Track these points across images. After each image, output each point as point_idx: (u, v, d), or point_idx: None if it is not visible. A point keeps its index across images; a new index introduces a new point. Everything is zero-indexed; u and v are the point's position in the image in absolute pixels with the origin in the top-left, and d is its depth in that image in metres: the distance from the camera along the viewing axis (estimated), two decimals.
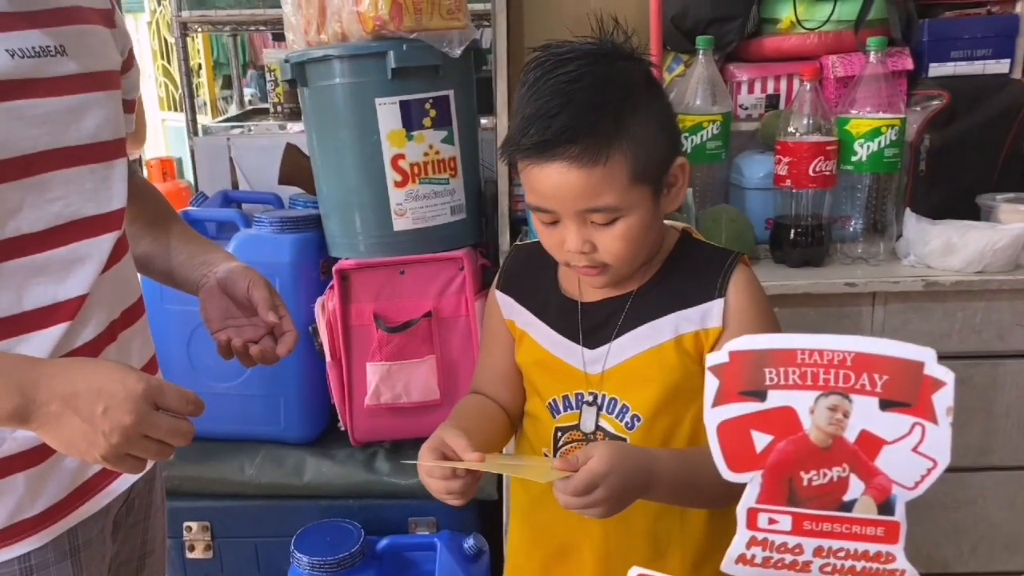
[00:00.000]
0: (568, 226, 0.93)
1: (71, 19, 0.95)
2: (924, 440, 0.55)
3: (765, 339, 0.58)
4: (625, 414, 0.98)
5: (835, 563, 0.57)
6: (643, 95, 0.92)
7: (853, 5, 1.78)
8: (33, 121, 0.89)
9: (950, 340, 1.64)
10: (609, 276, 0.96)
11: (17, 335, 0.90)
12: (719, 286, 0.95)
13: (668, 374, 0.96)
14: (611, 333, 0.99)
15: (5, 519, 0.92)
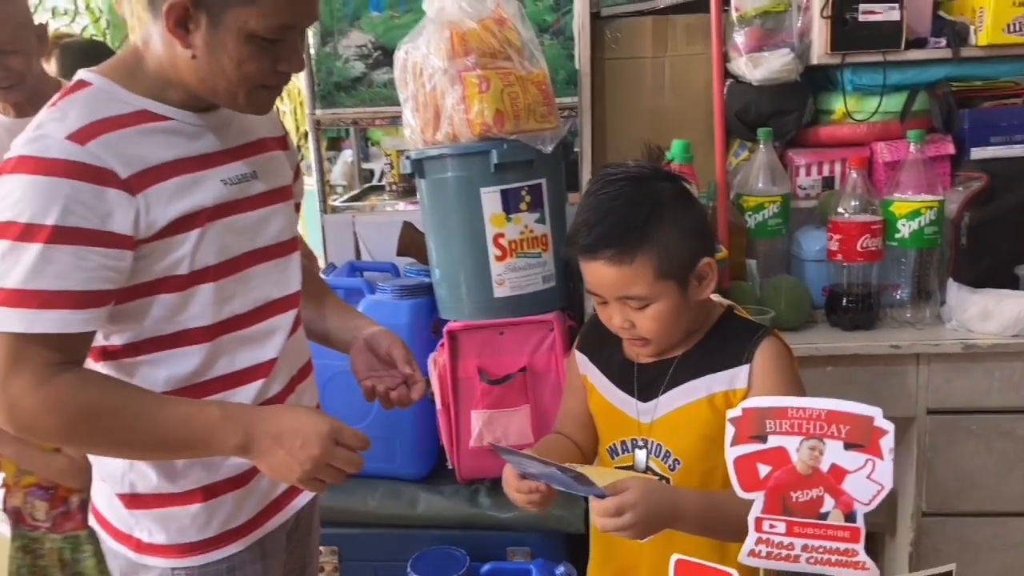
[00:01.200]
0: (613, 307, 1.19)
1: (260, 150, 1.26)
2: (875, 470, 0.80)
3: (766, 400, 0.85)
4: (668, 457, 1.22)
5: (816, 556, 0.82)
6: (670, 209, 1.17)
7: (898, 99, 2.01)
8: (239, 231, 1.19)
9: (991, 396, 1.82)
10: (651, 349, 1.22)
11: (231, 388, 1.20)
12: (746, 354, 1.19)
13: (701, 426, 1.19)
14: (659, 390, 1.23)
15: (217, 528, 1.22)
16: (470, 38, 1.91)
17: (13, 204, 1.00)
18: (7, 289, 1.01)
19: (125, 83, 1.11)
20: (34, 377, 1.02)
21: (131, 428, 1.07)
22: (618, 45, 2.11)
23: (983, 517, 1.88)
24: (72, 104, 1.07)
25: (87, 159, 1.01)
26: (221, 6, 1.03)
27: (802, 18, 2.02)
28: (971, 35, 1.95)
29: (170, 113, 1.12)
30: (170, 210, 1.09)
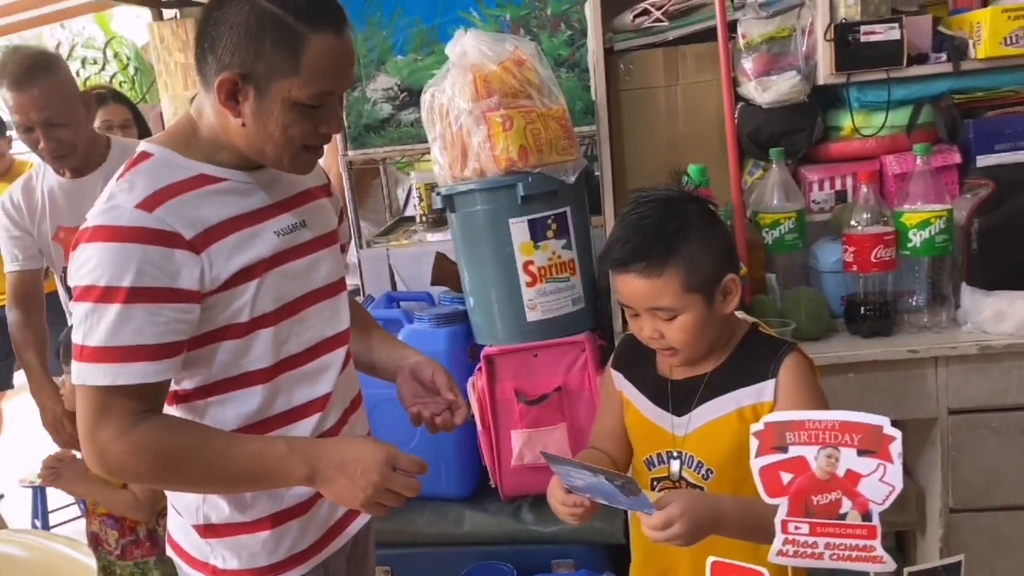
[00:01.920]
0: (643, 318, 1.29)
1: (307, 199, 1.37)
2: (886, 473, 0.89)
3: (786, 414, 0.94)
4: (701, 468, 1.31)
5: (838, 552, 0.92)
6: (697, 228, 1.28)
7: (904, 113, 2.10)
8: (293, 277, 1.30)
9: (1009, 394, 1.89)
10: (680, 358, 1.31)
11: (291, 423, 1.30)
12: (772, 369, 1.28)
13: (732, 437, 1.28)
14: (692, 404, 1.33)
15: (285, 552, 1.33)
16: (492, 80, 2.03)
17: (92, 270, 1.11)
18: (91, 347, 1.12)
19: (182, 150, 1.22)
20: (119, 426, 1.14)
21: (208, 467, 1.18)
22: (631, 77, 2.21)
23: (1011, 511, 1.95)
24: (138, 175, 1.18)
25: (155, 224, 1.13)
26: (266, 79, 1.15)
27: (807, 41, 2.11)
28: (970, 49, 2.03)
29: (224, 174, 1.23)
30: (231, 264, 1.20)
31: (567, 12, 2.46)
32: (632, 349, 1.43)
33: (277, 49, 1.13)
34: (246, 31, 1.13)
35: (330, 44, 1.15)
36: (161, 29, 5.38)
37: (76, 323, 1.15)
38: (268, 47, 1.13)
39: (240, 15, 1.14)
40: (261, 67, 1.14)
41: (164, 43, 5.44)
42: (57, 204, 2.25)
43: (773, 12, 2.09)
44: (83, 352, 1.13)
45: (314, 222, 1.36)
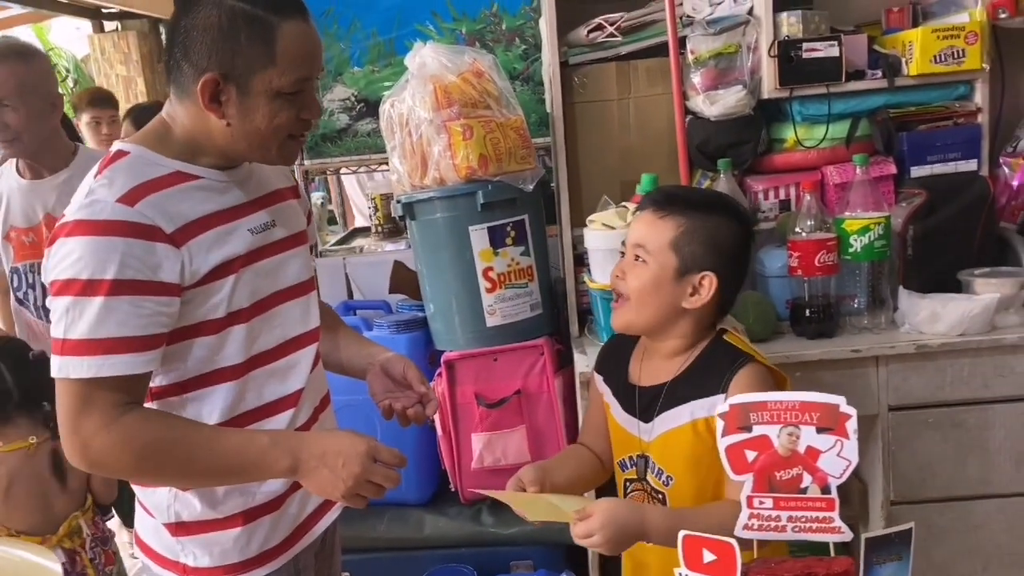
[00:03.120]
0: (626, 257, 1.38)
1: (278, 199, 1.40)
2: (843, 449, 0.96)
3: (749, 397, 1.01)
4: (662, 475, 1.37)
5: (800, 525, 0.98)
6: (721, 221, 1.36)
7: (843, 126, 2.21)
8: (265, 274, 1.32)
9: (943, 391, 2.00)
10: (622, 314, 1.38)
11: (263, 419, 1.33)
12: (723, 384, 1.33)
13: (687, 448, 1.34)
14: (655, 412, 1.39)
15: (257, 549, 1.35)
16: (452, 90, 2.09)
17: (74, 263, 1.13)
18: (74, 340, 1.13)
19: (157, 149, 1.24)
20: (103, 418, 1.15)
21: (192, 459, 1.20)
22: (585, 90, 2.28)
23: (946, 502, 2.05)
24: (116, 172, 1.20)
25: (137, 218, 1.15)
26: (246, 75, 1.18)
27: (752, 57, 2.21)
28: (903, 66, 2.16)
29: (200, 172, 1.26)
30: (210, 259, 1.22)
31: (522, 27, 2.53)
32: (610, 355, 1.51)
33: (252, 43, 1.17)
34: (219, 31, 1.17)
35: (300, 29, 1.20)
36: (102, 41, 5.31)
37: (56, 317, 1.15)
38: (243, 42, 1.17)
39: (210, 17, 1.17)
40: (240, 64, 1.17)
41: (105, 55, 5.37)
42: (12, 205, 2.23)
43: (720, 29, 2.18)
44: (65, 345, 1.14)
45: (284, 221, 1.38)
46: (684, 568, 0.96)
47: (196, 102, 1.20)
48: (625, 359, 1.46)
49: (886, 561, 0.91)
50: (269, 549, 1.36)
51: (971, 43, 2.10)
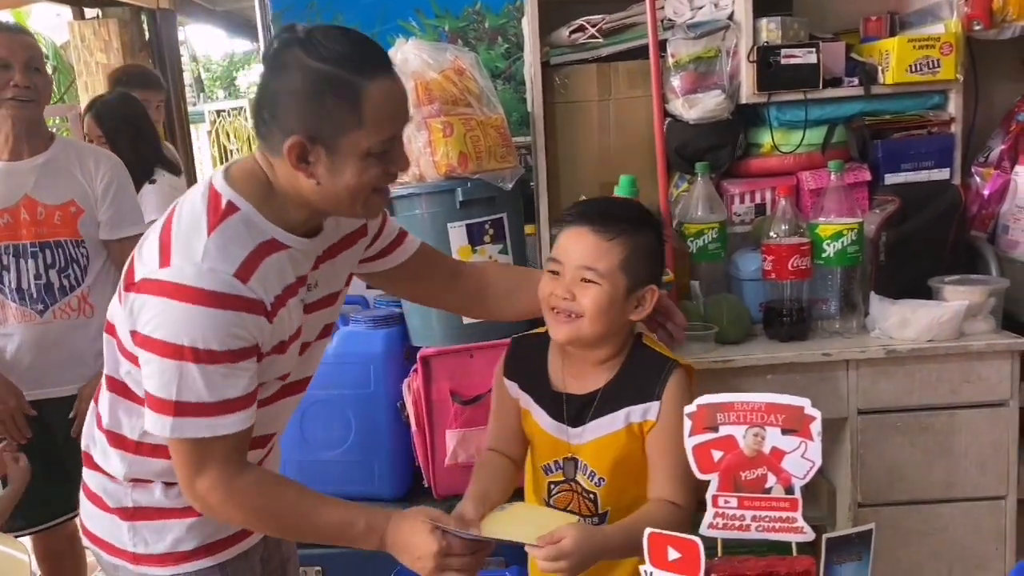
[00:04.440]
0: (564, 276, 1.35)
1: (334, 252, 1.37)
2: (807, 450, 0.98)
3: (717, 397, 1.02)
4: (594, 476, 1.41)
5: (764, 524, 1.00)
6: (652, 232, 1.40)
7: (819, 132, 2.24)
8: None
9: (912, 396, 2.04)
10: (575, 327, 1.36)
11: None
12: (658, 391, 1.38)
13: (620, 450, 1.39)
14: (586, 418, 1.42)
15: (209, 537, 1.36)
16: (433, 87, 2.09)
17: (189, 330, 1.15)
18: (191, 403, 1.18)
19: (261, 208, 1.24)
20: (220, 476, 1.22)
21: (295, 527, 1.29)
22: (566, 90, 2.30)
23: (912, 505, 2.09)
24: (228, 237, 1.20)
25: (249, 295, 1.18)
26: (334, 136, 1.17)
27: (731, 62, 2.24)
28: (879, 75, 2.19)
29: (290, 241, 1.26)
30: (278, 334, 1.25)
31: (504, 26, 2.54)
32: (521, 359, 1.50)
33: (339, 106, 1.15)
34: (305, 95, 1.15)
35: (387, 88, 1.18)
36: (82, 28, 5.25)
37: (161, 377, 1.18)
38: (330, 106, 1.15)
39: (295, 81, 1.15)
40: (327, 127, 1.16)
41: (85, 42, 5.31)
42: None
43: (701, 33, 2.21)
44: (179, 407, 1.18)
45: (326, 281, 1.38)
46: (649, 565, 0.97)
47: (286, 161, 1.19)
48: (540, 365, 1.47)
49: (846, 561, 0.93)
50: (224, 538, 1.38)
51: (946, 54, 2.13)
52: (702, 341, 2.06)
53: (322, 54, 1.14)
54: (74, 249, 2.23)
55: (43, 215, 2.20)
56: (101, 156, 2.34)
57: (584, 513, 1.43)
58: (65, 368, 2.25)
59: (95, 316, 2.28)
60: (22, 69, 2.12)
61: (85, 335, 2.25)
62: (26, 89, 2.13)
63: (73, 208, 2.23)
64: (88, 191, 2.24)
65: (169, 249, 1.19)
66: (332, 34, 1.16)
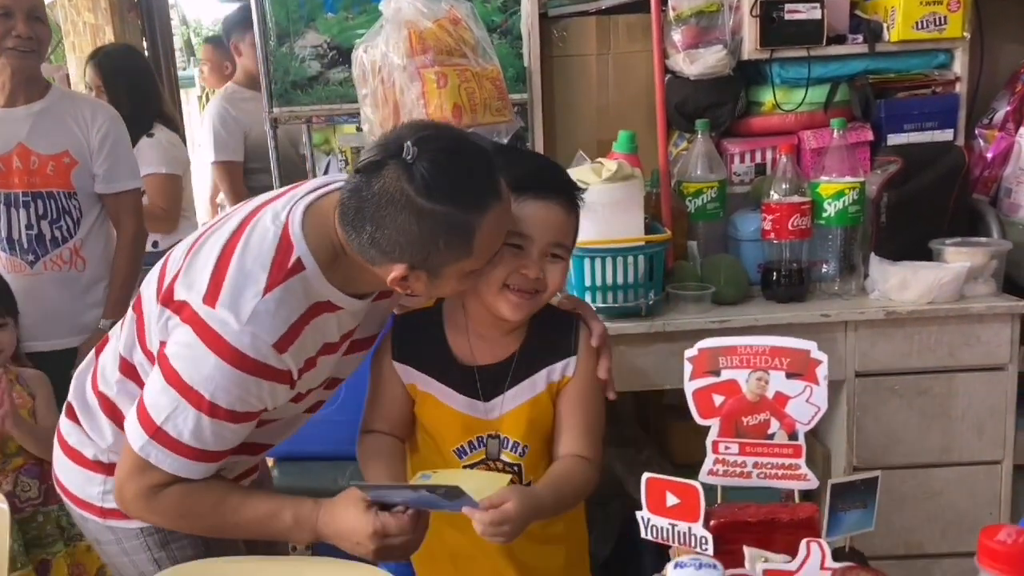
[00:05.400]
0: (531, 255, 1.23)
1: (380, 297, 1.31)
2: (812, 395, 0.94)
3: (719, 340, 0.99)
4: (517, 447, 1.32)
5: (765, 471, 0.97)
6: None
7: (822, 90, 2.19)
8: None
9: (910, 358, 2.01)
10: (533, 305, 1.27)
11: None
12: (573, 345, 1.32)
13: (543, 413, 1.32)
14: (503, 387, 1.32)
15: None
16: (427, 37, 2.03)
17: (209, 381, 1.12)
18: (171, 436, 1.16)
19: (327, 270, 1.17)
20: (147, 492, 1.20)
21: (219, 527, 1.26)
22: (564, 44, 2.24)
23: (908, 469, 2.07)
24: (284, 298, 1.14)
25: (280, 366, 1.15)
26: (440, 267, 1.12)
27: (734, 17, 2.18)
28: (885, 32, 2.14)
29: (345, 304, 1.21)
30: (306, 383, 1.23)
31: None
32: (413, 339, 1.36)
33: (452, 244, 1.10)
34: (417, 235, 1.09)
35: (498, 215, 1.12)
36: None
37: (157, 395, 1.17)
38: (442, 245, 1.10)
39: (402, 219, 1.08)
40: (435, 260, 1.12)
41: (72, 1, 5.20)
42: None
43: None
44: (158, 433, 1.16)
45: (368, 323, 1.33)
46: (647, 512, 0.94)
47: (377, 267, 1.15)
48: (439, 342, 1.34)
49: (851, 508, 0.90)
50: None
51: (953, 10, 2.08)
52: (698, 302, 2.03)
53: (433, 192, 1.06)
54: (66, 201, 2.20)
55: (36, 164, 2.17)
56: (98, 107, 2.31)
57: None
58: (59, 321, 2.22)
59: (87, 270, 2.24)
60: (24, 18, 2.09)
61: (76, 288, 2.22)
62: (28, 40, 2.11)
63: (67, 159, 2.20)
64: (83, 142, 2.21)
65: (221, 287, 1.13)
66: (439, 166, 1.07)
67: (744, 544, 0.92)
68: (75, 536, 1.89)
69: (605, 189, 1.87)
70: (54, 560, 1.86)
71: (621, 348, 1.97)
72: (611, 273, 1.92)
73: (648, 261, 1.93)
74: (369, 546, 1.17)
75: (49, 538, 1.85)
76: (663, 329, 1.95)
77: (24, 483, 1.83)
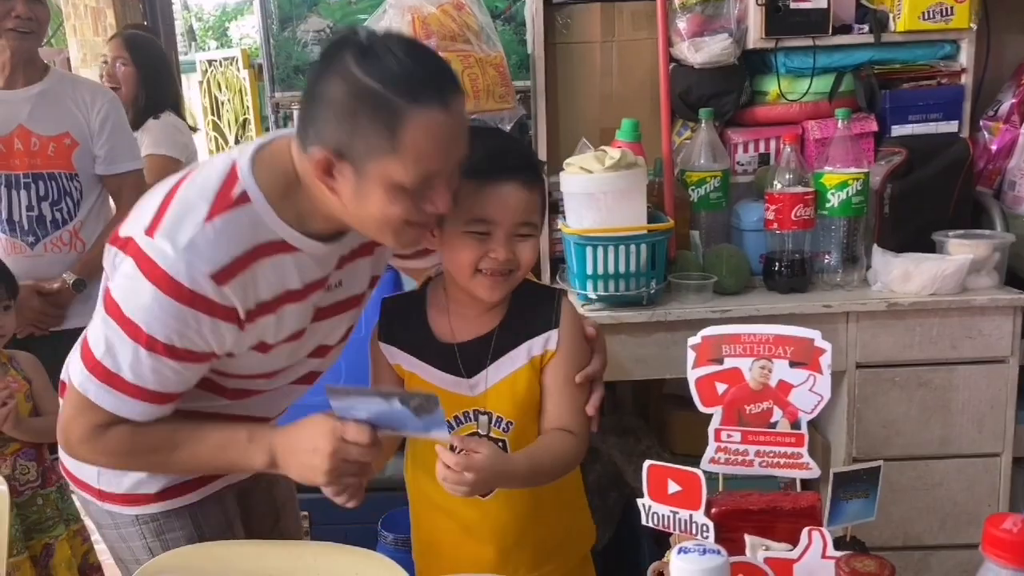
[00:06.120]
0: (498, 238, 1.21)
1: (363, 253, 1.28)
2: (816, 384, 0.94)
3: (723, 328, 0.98)
4: (501, 422, 1.32)
5: (767, 460, 0.96)
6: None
7: (826, 80, 2.18)
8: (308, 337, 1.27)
9: (911, 350, 2.00)
10: (510, 284, 1.26)
11: None
12: (555, 318, 1.29)
13: (526, 387, 1.31)
14: (485, 362, 1.31)
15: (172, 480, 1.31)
16: (431, 21, 2.02)
17: (142, 309, 1.09)
18: (109, 369, 1.13)
19: (277, 205, 1.13)
20: (92, 434, 1.17)
21: (171, 462, 1.22)
22: (568, 30, 2.23)
23: (907, 461, 2.07)
24: (227, 230, 1.10)
25: (219, 299, 1.10)
26: (363, 158, 1.04)
27: (739, 5, 2.17)
28: (890, 22, 2.13)
29: (303, 245, 1.16)
30: (266, 334, 1.18)
31: None
32: (397, 320, 1.37)
33: (373, 126, 1.03)
34: (341, 107, 1.04)
35: (432, 119, 1.03)
36: None
37: (98, 328, 1.14)
38: (364, 124, 1.03)
39: (337, 90, 1.04)
40: (358, 146, 1.04)
41: None
42: None
43: None
44: (97, 367, 1.14)
45: (351, 281, 1.30)
46: (648, 499, 0.93)
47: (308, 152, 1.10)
48: (421, 322, 1.35)
49: (853, 497, 0.90)
50: (185, 482, 1.33)
51: (960, 1, 2.07)
52: (700, 292, 2.02)
53: (372, 66, 1.02)
54: (67, 182, 2.20)
55: (37, 146, 2.17)
56: (97, 90, 2.32)
57: None
58: None
59: (86, 252, 2.24)
60: (24, 0, 2.09)
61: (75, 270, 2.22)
62: (28, 21, 2.11)
63: (68, 140, 2.20)
64: (84, 124, 2.21)
65: (163, 217, 1.10)
66: (394, 46, 1.03)
67: (745, 532, 0.92)
68: (71, 518, 1.91)
69: (608, 177, 1.86)
70: (56, 543, 1.87)
71: (622, 337, 1.97)
72: (613, 261, 1.91)
73: (650, 250, 1.93)
74: (325, 449, 1.10)
75: (50, 521, 1.86)
76: (664, 318, 1.95)
77: (23, 466, 1.84)
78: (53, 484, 1.87)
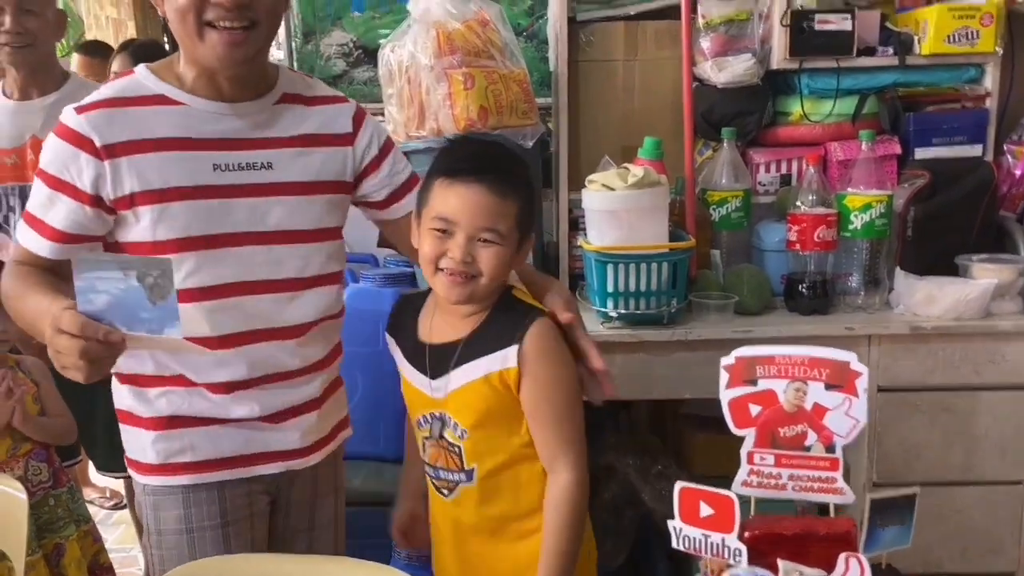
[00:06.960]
0: (458, 239, 1.22)
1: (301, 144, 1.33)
2: (851, 407, 0.93)
3: (756, 349, 0.97)
4: (457, 428, 1.32)
5: (801, 484, 0.95)
6: (530, 179, 1.32)
7: (850, 102, 2.18)
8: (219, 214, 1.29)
9: (934, 375, 1.99)
10: (471, 288, 1.25)
11: None
12: (517, 336, 1.26)
13: (481, 401, 1.29)
14: (449, 367, 1.31)
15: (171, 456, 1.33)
16: (455, 37, 2.02)
17: (45, 152, 1.28)
18: (29, 212, 1.28)
19: (160, 71, 1.29)
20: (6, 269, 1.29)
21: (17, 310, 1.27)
22: (591, 48, 2.23)
23: (928, 487, 2.03)
24: (107, 88, 1.29)
25: (76, 127, 1.23)
26: None
27: (763, 26, 2.17)
28: (915, 45, 2.12)
29: (187, 100, 1.26)
30: (137, 181, 1.23)
31: None
32: (400, 316, 1.42)
33: None
34: None
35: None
36: None
37: None
38: None
39: None
40: None
41: None
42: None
43: None
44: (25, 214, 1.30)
45: (288, 167, 1.31)
46: (679, 521, 0.92)
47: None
48: (414, 318, 1.39)
49: (889, 524, 0.88)
50: (180, 463, 1.34)
51: (986, 25, 2.06)
52: (721, 311, 2.01)
53: None
54: None
55: None
56: None
57: (451, 467, 1.35)
58: None
59: None
60: (13, 12, 2.04)
61: None
62: (18, 35, 2.05)
63: None
64: None
65: None
66: None
67: (778, 557, 0.90)
68: (81, 519, 1.92)
69: (630, 195, 1.86)
70: (67, 543, 1.87)
71: (642, 355, 1.95)
72: (634, 279, 1.91)
73: (671, 268, 1.92)
74: (47, 334, 1.08)
75: (61, 521, 1.87)
76: (685, 337, 1.94)
77: (35, 467, 1.85)
78: (64, 485, 1.89)
